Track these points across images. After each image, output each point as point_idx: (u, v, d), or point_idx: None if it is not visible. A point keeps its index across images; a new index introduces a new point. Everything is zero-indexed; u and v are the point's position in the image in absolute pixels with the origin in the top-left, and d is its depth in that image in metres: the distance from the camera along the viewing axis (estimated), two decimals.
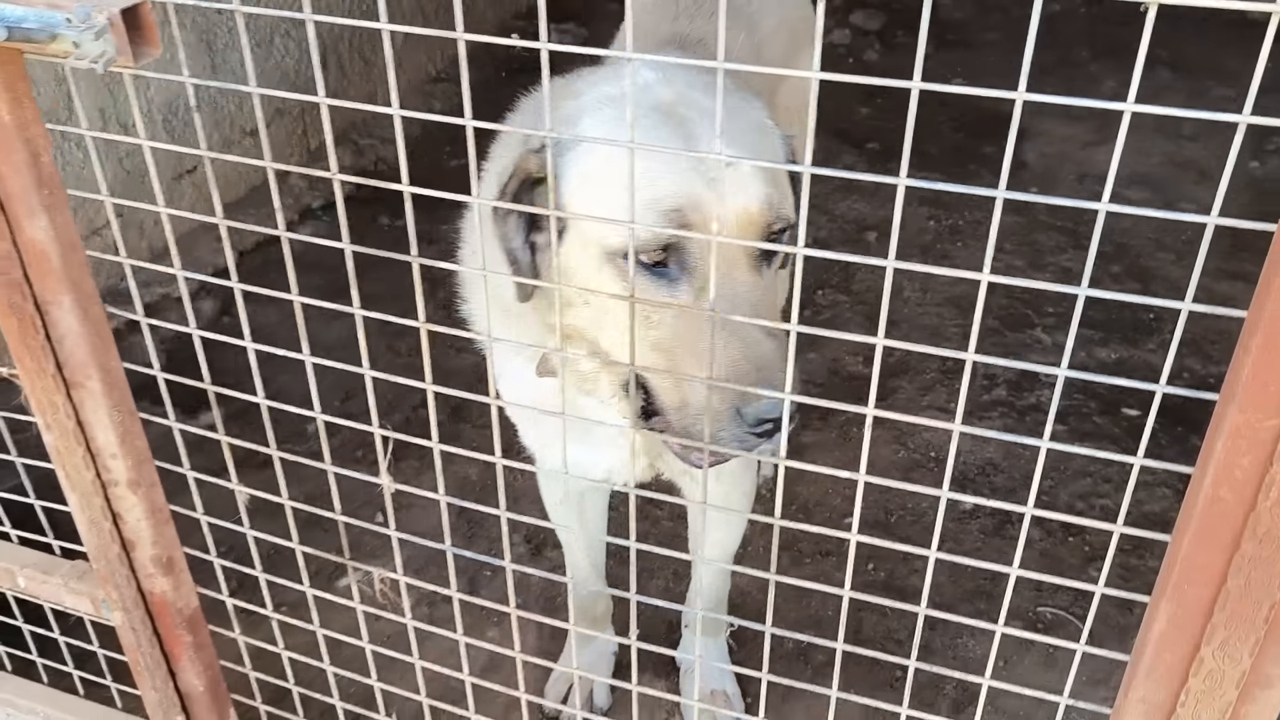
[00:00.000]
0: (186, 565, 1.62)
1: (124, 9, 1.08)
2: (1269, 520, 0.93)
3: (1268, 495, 0.92)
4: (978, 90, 0.92)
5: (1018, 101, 0.88)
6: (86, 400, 1.41)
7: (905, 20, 5.57)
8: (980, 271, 0.95)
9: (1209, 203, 3.46)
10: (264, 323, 1.42)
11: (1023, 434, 3.04)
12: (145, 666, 1.70)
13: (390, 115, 1.13)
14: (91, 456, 1.47)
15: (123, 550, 1.57)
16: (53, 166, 1.26)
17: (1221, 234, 0.89)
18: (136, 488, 1.49)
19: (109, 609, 1.65)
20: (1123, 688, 1.13)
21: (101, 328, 1.38)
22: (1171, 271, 3.70)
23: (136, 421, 1.47)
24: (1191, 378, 3.21)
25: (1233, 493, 0.94)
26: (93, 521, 1.53)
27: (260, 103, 1.16)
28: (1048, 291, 3.81)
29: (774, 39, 2.39)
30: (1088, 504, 2.81)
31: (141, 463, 1.49)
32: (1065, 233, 3.93)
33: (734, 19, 2.35)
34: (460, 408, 3.14)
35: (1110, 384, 3.24)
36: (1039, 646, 2.48)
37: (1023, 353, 3.32)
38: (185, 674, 1.71)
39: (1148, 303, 0.95)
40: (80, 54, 1.08)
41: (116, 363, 1.42)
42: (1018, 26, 5.54)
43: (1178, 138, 4.50)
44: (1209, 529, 0.96)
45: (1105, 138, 4.54)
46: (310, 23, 1.07)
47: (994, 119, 4.67)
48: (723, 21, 0.92)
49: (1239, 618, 0.99)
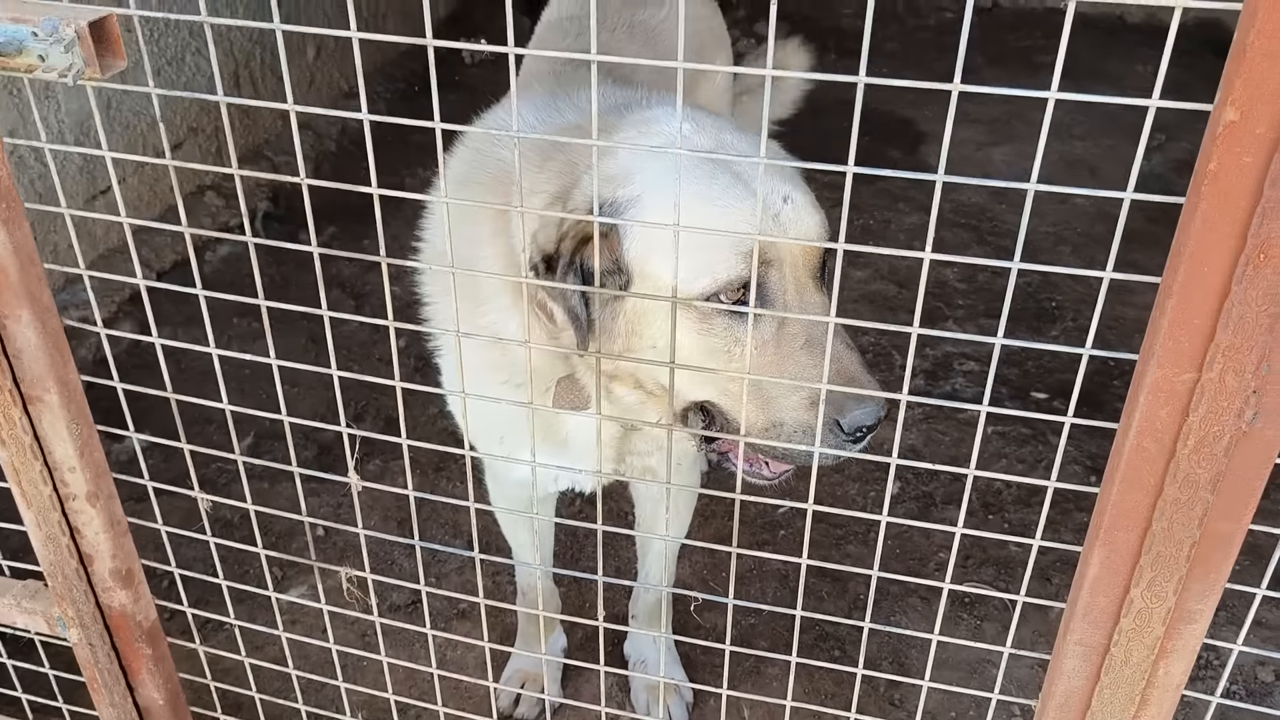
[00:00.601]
0: (145, 577, 1.62)
1: (91, 22, 1.10)
2: (1188, 466, 1.03)
3: (1185, 443, 1.02)
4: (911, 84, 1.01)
5: (953, 94, 0.96)
6: (45, 414, 1.41)
7: (807, 29, 5.74)
8: (905, 261, 1.03)
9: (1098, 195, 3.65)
10: (175, 343, 1.45)
11: (940, 419, 3.18)
12: (103, 683, 1.69)
13: (301, 130, 1.16)
14: (49, 470, 1.47)
15: (80, 565, 1.56)
16: (10, 179, 1.27)
17: (1114, 227, 0.99)
18: (95, 500, 1.50)
19: (64, 626, 1.64)
20: (1060, 632, 1.22)
21: (59, 340, 1.39)
22: (1070, 263, 3.90)
23: (94, 434, 1.47)
24: (1094, 361, 3.39)
25: (1154, 442, 1.04)
26: (50, 537, 1.52)
27: (234, 114, 1.19)
28: (956, 284, 3.96)
29: (701, 33, 2.51)
30: (1005, 484, 2.95)
31: (100, 475, 1.49)
32: (969, 229, 4.11)
33: (639, 36, 2.45)
34: (396, 419, 3.15)
35: (1019, 367, 3.38)
36: (967, 621, 2.61)
37: (936, 342, 3.47)
38: (144, 688, 1.71)
39: (1073, 273, 1.04)
40: (48, 66, 1.10)
41: (74, 375, 1.42)
42: (913, 36, 5.78)
43: (1069, 138, 4.74)
44: (1134, 477, 1.06)
45: (998, 140, 4.76)
46: (279, 31, 1.11)
47: (898, 124, 4.86)
48: (682, 24, 0.99)
49: (1164, 558, 1.09)
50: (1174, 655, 1.17)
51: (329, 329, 1.29)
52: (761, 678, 2.44)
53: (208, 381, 3.23)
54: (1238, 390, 0.97)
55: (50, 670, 1.85)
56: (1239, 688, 2.46)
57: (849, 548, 2.77)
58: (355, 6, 4.77)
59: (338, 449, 3.09)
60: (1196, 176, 0.91)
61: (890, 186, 4.36)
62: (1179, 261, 0.95)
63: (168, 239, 3.77)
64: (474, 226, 1.66)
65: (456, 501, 1.39)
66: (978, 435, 1.18)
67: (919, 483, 2.99)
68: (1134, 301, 3.62)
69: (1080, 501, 2.88)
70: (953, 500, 2.93)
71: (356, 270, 3.90)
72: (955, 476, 3.00)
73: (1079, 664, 1.21)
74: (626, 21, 2.48)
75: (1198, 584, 1.11)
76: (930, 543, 2.80)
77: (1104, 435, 3.20)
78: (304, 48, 4.49)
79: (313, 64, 4.54)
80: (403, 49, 5.13)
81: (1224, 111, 0.87)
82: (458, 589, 2.59)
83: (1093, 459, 3.04)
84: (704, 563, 2.71)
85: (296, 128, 1.15)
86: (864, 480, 3.00)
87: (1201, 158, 0.91)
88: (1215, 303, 0.94)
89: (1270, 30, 0.82)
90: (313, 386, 3.29)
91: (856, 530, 2.83)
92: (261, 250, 4.32)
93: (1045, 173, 4.59)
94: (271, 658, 1.78)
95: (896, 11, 5.93)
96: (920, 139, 4.82)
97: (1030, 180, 1.00)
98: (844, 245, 1.08)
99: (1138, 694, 1.20)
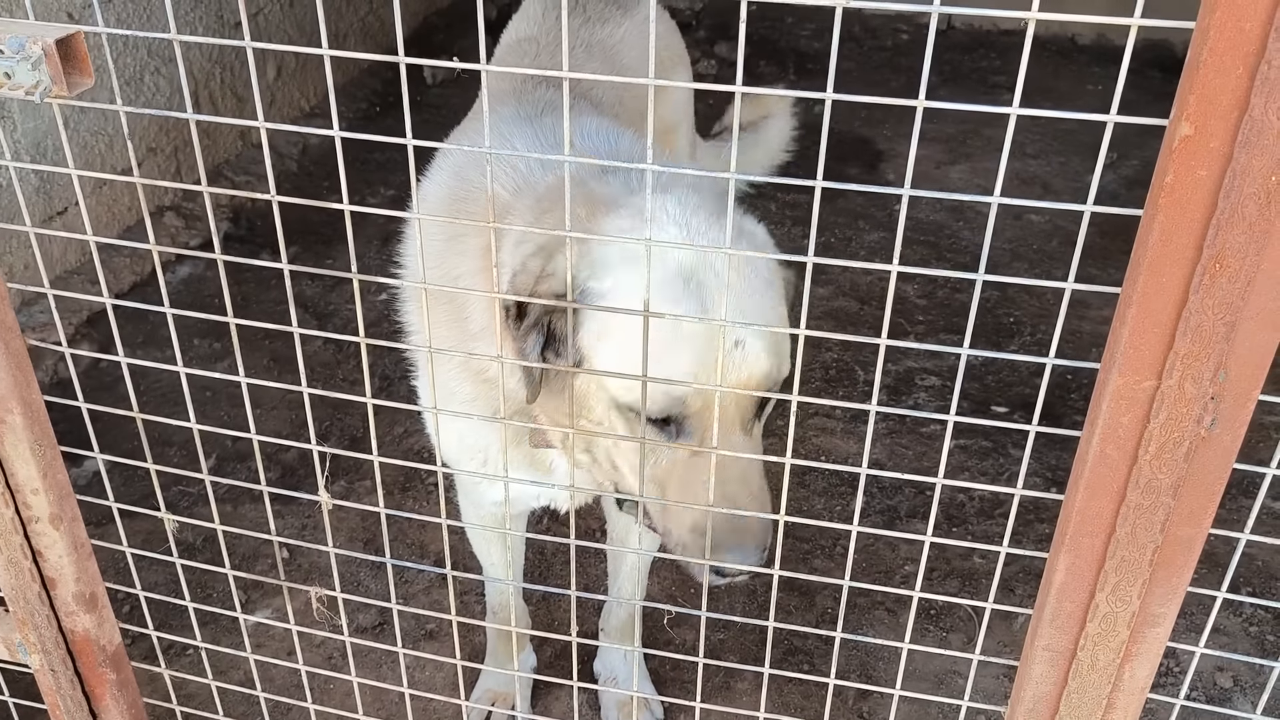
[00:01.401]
0: (109, 601, 1.60)
1: (58, 39, 1.10)
2: (1149, 471, 1.05)
3: (1147, 449, 1.04)
4: (883, 101, 1.03)
5: (918, 110, 0.99)
6: (6, 435, 1.40)
7: (765, 51, 5.82)
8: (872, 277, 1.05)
9: (1053, 212, 3.75)
10: (145, 365, 1.44)
11: (903, 434, 3.22)
12: (65, 709, 1.66)
13: (259, 148, 1.17)
14: (11, 494, 1.45)
15: (43, 589, 1.54)
16: None
17: (1068, 243, 1.01)
18: (59, 523, 1.48)
19: (25, 652, 1.61)
20: (1028, 638, 1.24)
21: (23, 361, 1.37)
22: (1027, 278, 3.97)
23: (58, 456, 1.45)
24: (1052, 375, 3.44)
25: (1117, 449, 1.06)
26: (11, 561, 1.50)
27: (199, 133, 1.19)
28: (915, 300, 4.01)
29: (638, 69, 2.51)
30: (968, 495, 2.99)
31: (63, 497, 1.48)
32: (928, 246, 4.17)
33: (597, 54, 2.48)
34: (362, 438, 3.14)
35: (979, 381, 3.42)
36: (933, 633, 2.63)
37: (898, 358, 3.51)
38: (108, 714, 1.68)
39: (1035, 284, 1.07)
40: (14, 84, 1.10)
41: (38, 396, 1.40)
42: (870, 57, 5.86)
43: (1022, 156, 4.83)
44: (1098, 483, 1.09)
45: (955, 159, 4.84)
46: (250, 49, 1.11)
47: (856, 143, 4.92)
48: (653, 37, 1.00)
49: (1128, 563, 1.12)
50: (1139, 658, 1.19)
51: (299, 346, 1.29)
52: (731, 693, 2.45)
53: (167, 404, 3.21)
54: (1196, 397, 1.00)
55: (10, 698, 1.81)
56: (1199, 694, 2.50)
57: (815, 562, 2.79)
58: (319, 26, 4.77)
59: (301, 470, 3.07)
60: (1153, 190, 0.94)
61: (850, 205, 4.41)
62: (1138, 272, 0.98)
63: (125, 260, 3.73)
64: (462, 259, 1.67)
65: (428, 519, 1.39)
66: (945, 444, 1.20)
67: (884, 496, 3.02)
68: (1090, 316, 3.69)
69: (1041, 513, 2.92)
70: (917, 513, 2.96)
71: (319, 290, 3.87)
72: (919, 490, 3.03)
73: (1046, 669, 1.23)
74: (584, 40, 2.50)
75: (1161, 587, 1.14)
76: (896, 555, 2.82)
77: (1063, 447, 3.25)
78: (264, 68, 4.47)
79: (274, 84, 4.52)
80: (364, 67, 5.13)
81: (1179, 126, 0.90)
82: (426, 609, 2.57)
83: (1053, 470, 3.09)
84: (672, 579, 2.72)
85: (267, 145, 1.15)
86: (829, 495, 3.02)
87: (1158, 172, 0.93)
88: (1174, 312, 0.97)
89: (1222, 48, 0.85)
90: (275, 407, 3.26)
91: (822, 544, 2.85)
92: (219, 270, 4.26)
93: (1009, 188, 4.69)
94: (237, 681, 1.76)
95: (854, 33, 6.01)
96: (878, 157, 4.88)
97: (994, 194, 1.02)
98: (813, 259, 1.10)
99: (1104, 697, 1.22)
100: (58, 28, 1.11)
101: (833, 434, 3.23)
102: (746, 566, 1.39)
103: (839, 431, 3.24)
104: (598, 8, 2.56)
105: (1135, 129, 0.95)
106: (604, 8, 2.57)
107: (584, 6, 2.57)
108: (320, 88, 4.85)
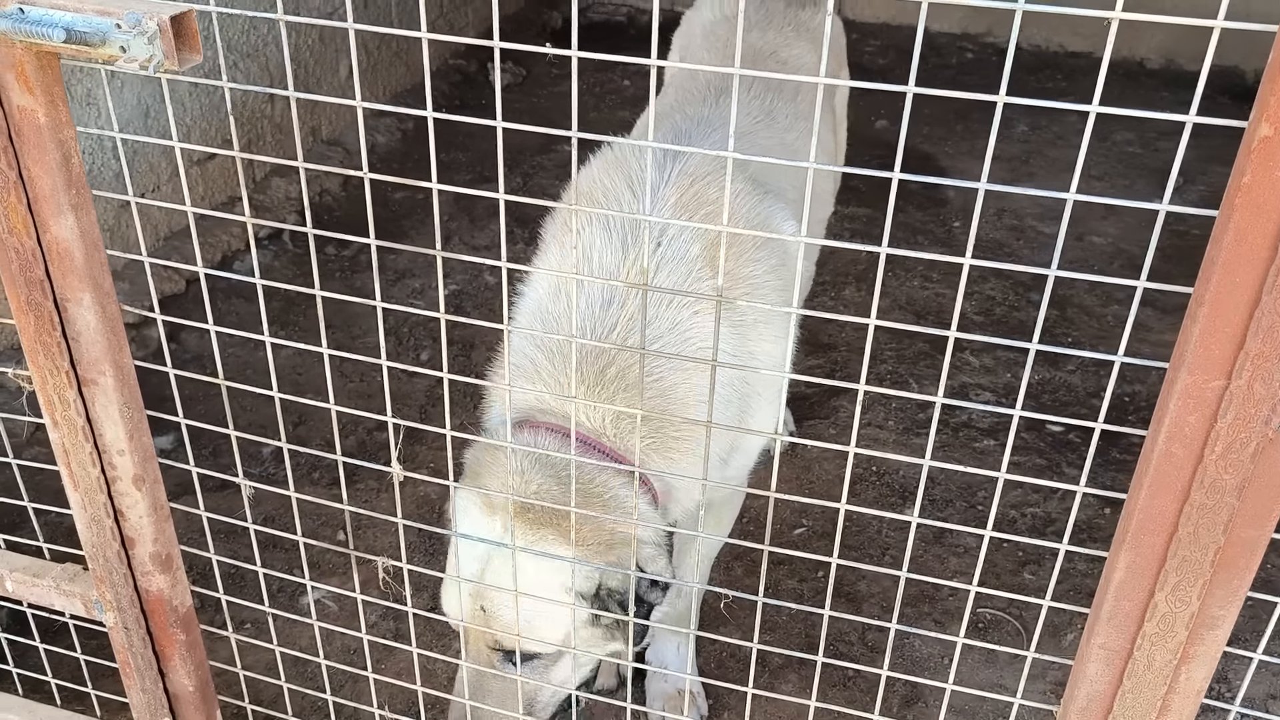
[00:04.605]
0: (183, 563, 1.66)
1: (172, 16, 1.15)
2: (1215, 471, 1.06)
3: (1213, 449, 1.05)
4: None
5: (998, 105, 1.01)
6: (98, 397, 1.46)
7: None
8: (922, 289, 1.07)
9: (1115, 235, 3.72)
10: (213, 349, 1.50)
11: (955, 448, 3.21)
12: (135, 667, 1.72)
13: (331, 146, 1.21)
14: (98, 453, 1.51)
15: (122, 548, 1.60)
16: (81, 167, 1.32)
17: (1130, 265, 1.03)
18: (141, 484, 1.54)
19: (101, 610, 1.67)
20: (1084, 636, 1.25)
21: (117, 325, 1.44)
22: (1085, 299, 3.94)
23: (144, 418, 1.52)
24: (1108, 395, 3.42)
25: (1183, 448, 1.07)
26: (94, 519, 1.56)
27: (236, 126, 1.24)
28: (973, 317, 3.99)
29: (836, 51, 2.65)
30: (1020, 512, 2.98)
31: (147, 459, 1.54)
32: None
33: (804, 33, 2.58)
34: (418, 431, 3.19)
35: (1037, 401, 3.40)
36: (978, 649, 2.63)
37: (953, 372, 3.50)
38: (175, 674, 1.74)
39: (1103, 280, 1.08)
40: (129, 57, 1.15)
41: (128, 360, 1.47)
42: (934, 75, 5.86)
43: (1086, 178, 4.79)
44: (1162, 481, 1.10)
45: (1018, 178, 4.82)
46: (352, 30, 1.16)
47: (918, 159, 4.92)
48: (827, 40, 1.03)
49: (1189, 563, 1.12)
50: (1196, 661, 1.19)
51: (380, 322, 1.33)
52: (775, 691, 2.46)
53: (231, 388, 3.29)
54: (1265, 397, 1.01)
55: (81, 655, 1.88)
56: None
57: (864, 570, 2.80)
58: (393, 23, 4.88)
59: (360, 457, 3.13)
60: (1230, 190, 0.96)
61: (910, 220, 4.41)
62: (1211, 271, 0.99)
63: (200, 246, 3.83)
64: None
65: (498, 494, 1.43)
66: (1009, 443, 1.22)
67: (934, 509, 3.02)
68: (1149, 339, 3.66)
69: (1095, 531, 2.90)
70: (967, 526, 2.95)
71: (382, 284, 3.95)
72: (970, 503, 3.03)
73: (1101, 668, 1.24)
74: (792, 21, 2.61)
75: (1221, 589, 1.14)
76: (945, 568, 2.82)
77: (1118, 468, 3.21)
78: (336, 66, 4.58)
79: (345, 82, 4.63)
80: (433, 69, 5.22)
81: (1259, 127, 0.91)
82: None
83: (1107, 489, 3.06)
84: (719, 580, 2.74)
85: (363, 124, 1.20)
86: (880, 505, 3.02)
87: (1235, 172, 0.95)
88: (1246, 311, 0.98)
89: None
90: (335, 398, 3.33)
91: (871, 553, 2.86)
92: (287, 261, 4.36)
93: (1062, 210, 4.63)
94: (302, 649, 1.81)
95: None
96: (940, 174, 4.88)
97: (1070, 191, 1.04)
98: (886, 250, 1.12)
99: (1159, 699, 1.22)
100: (171, 5, 1.17)
101: (884, 445, 3.23)
102: None
103: (890, 443, 3.25)
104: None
105: (1202, 155, 0.97)
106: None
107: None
108: (389, 87, 4.95)
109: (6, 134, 1.26)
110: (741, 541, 1.40)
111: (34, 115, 1.24)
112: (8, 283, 1.38)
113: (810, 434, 3.27)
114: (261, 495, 2.86)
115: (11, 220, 1.31)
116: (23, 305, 1.39)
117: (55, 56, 1.23)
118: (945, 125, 5.13)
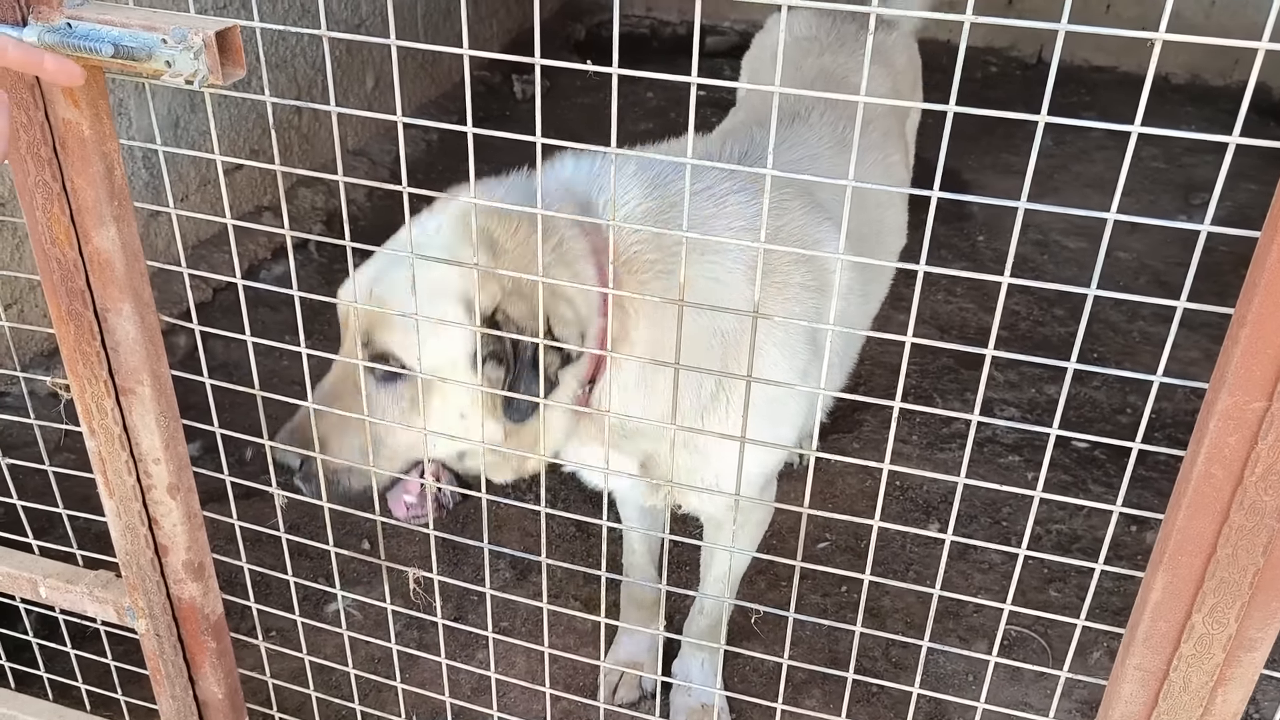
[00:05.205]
0: (215, 572, 1.67)
1: (217, 31, 1.17)
2: (1254, 493, 1.06)
3: (1253, 470, 1.05)
4: None
5: (1040, 125, 1.01)
6: (135, 406, 1.47)
7: None
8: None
9: (1141, 250, 3.71)
10: (238, 358, 1.51)
11: (980, 464, 3.20)
12: (166, 674, 1.73)
13: (356, 157, 1.22)
14: (134, 461, 1.52)
15: (155, 556, 1.61)
16: (124, 179, 1.34)
17: (1156, 282, 1.03)
18: (176, 493, 1.55)
19: (134, 617, 1.69)
20: (1119, 656, 1.25)
21: (155, 335, 1.45)
22: (1110, 315, 3.92)
23: (180, 427, 1.53)
24: (1135, 413, 3.40)
25: (1222, 469, 1.07)
26: (129, 526, 1.58)
27: (276, 135, 1.25)
28: (1000, 334, 3.98)
29: (905, 74, 2.62)
30: (1044, 529, 2.96)
31: (182, 468, 1.55)
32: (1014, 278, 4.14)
33: (876, 56, 2.57)
34: None
35: (1061, 416, 3.40)
36: (1004, 668, 2.61)
37: (977, 389, 3.49)
38: (205, 681, 1.75)
39: (1144, 300, 1.08)
40: (174, 72, 1.17)
41: (166, 369, 1.48)
42: (963, 88, 5.84)
43: (1113, 194, 4.78)
44: (1201, 502, 1.09)
45: (1043, 192, 4.80)
46: (394, 46, 1.17)
47: (943, 174, 4.91)
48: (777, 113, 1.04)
49: (1227, 584, 1.12)
50: (1232, 683, 1.19)
51: (419, 325, 1.34)
52: (799, 706, 2.45)
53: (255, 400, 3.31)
54: None
55: (112, 661, 1.89)
56: None
57: (886, 585, 2.79)
58: (419, 35, 4.92)
59: None
60: (1274, 209, 0.96)
61: (934, 234, 4.40)
62: (1254, 292, 0.99)
63: (225, 257, 3.87)
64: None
65: (529, 506, 1.44)
66: (1045, 458, 1.21)
67: (959, 525, 3.01)
68: (1177, 356, 3.63)
69: (1119, 549, 2.89)
70: (992, 543, 2.94)
71: None
72: (995, 520, 3.01)
73: (1137, 689, 1.23)
74: (862, 42, 2.61)
75: (1259, 611, 1.13)
76: (969, 584, 2.81)
77: (1144, 485, 3.18)
78: (363, 77, 4.61)
79: (370, 93, 4.66)
80: (457, 80, 5.26)
81: None
82: (504, 604, 2.62)
83: (1134, 508, 3.04)
84: (744, 594, 2.73)
85: (403, 139, 1.21)
86: (904, 520, 3.01)
87: (1279, 192, 0.95)
88: None
89: None
90: None
91: (895, 569, 2.85)
92: (313, 270, 4.38)
93: (1088, 225, 4.62)
94: (326, 658, 1.82)
95: (941, 64, 6.00)
96: (964, 187, 4.87)
97: (1110, 210, 1.04)
98: (923, 267, 1.12)
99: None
100: (216, 21, 1.18)
101: (909, 460, 3.22)
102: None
103: (915, 458, 3.24)
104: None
105: (1230, 171, 0.96)
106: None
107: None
108: (414, 99, 4.98)
109: (51, 146, 1.28)
110: (770, 556, 1.40)
111: (79, 128, 1.26)
112: (49, 292, 1.40)
113: (833, 448, 3.26)
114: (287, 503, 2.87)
115: (55, 231, 1.33)
116: (63, 315, 1.41)
117: (100, 70, 1.25)
118: (968, 139, 5.11)
